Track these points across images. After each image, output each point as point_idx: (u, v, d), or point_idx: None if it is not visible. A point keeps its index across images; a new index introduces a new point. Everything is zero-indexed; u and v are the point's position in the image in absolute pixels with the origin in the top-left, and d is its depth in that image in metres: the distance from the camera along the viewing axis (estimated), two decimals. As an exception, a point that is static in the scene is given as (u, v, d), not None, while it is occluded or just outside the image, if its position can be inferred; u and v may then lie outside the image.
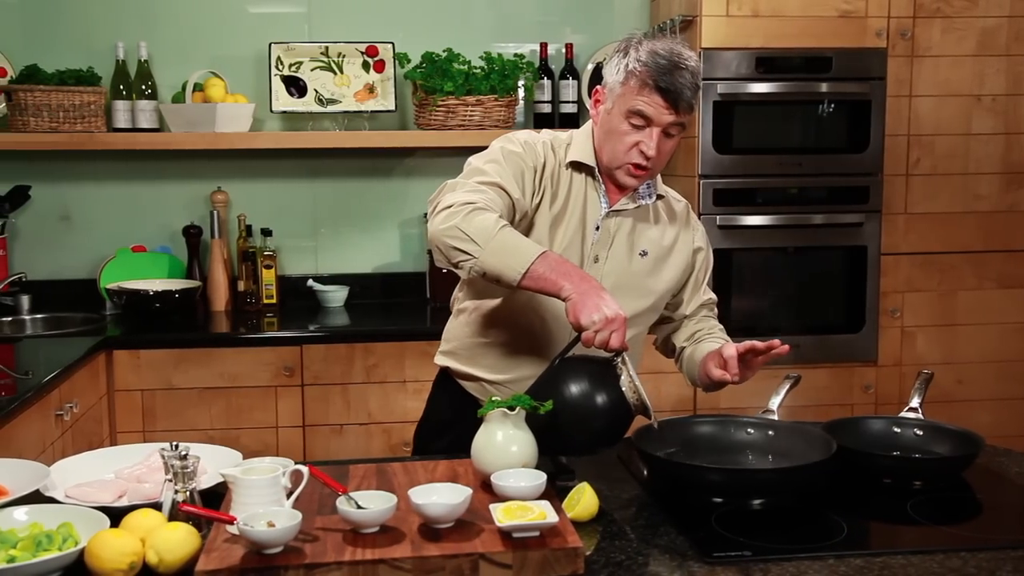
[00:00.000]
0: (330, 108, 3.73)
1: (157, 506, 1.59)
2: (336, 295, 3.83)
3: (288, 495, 1.57)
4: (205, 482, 1.74)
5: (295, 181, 3.90)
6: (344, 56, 3.74)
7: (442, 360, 2.26)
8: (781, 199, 3.54)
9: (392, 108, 3.75)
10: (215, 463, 1.82)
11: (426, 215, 2.21)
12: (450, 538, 1.49)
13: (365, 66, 3.75)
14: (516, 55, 3.74)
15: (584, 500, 1.65)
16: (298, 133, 3.75)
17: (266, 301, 3.75)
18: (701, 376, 2.12)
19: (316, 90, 3.73)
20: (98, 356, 3.20)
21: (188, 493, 1.57)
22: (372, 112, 3.75)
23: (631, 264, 2.10)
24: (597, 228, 2.07)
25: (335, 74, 3.73)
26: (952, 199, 3.61)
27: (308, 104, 3.72)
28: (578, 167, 2.07)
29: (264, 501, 1.52)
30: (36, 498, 1.67)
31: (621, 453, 1.99)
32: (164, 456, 1.58)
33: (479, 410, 1.76)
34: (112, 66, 3.66)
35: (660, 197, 2.15)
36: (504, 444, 1.72)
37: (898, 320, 3.62)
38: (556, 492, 1.70)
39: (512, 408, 1.72)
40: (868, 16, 3.47)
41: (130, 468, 1.83)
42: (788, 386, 2.08)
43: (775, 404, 2.03)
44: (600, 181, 2.07)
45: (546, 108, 3.85)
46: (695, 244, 2.21)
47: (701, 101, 3.37)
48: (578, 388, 1.78)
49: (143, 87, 3.66)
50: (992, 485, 1.88)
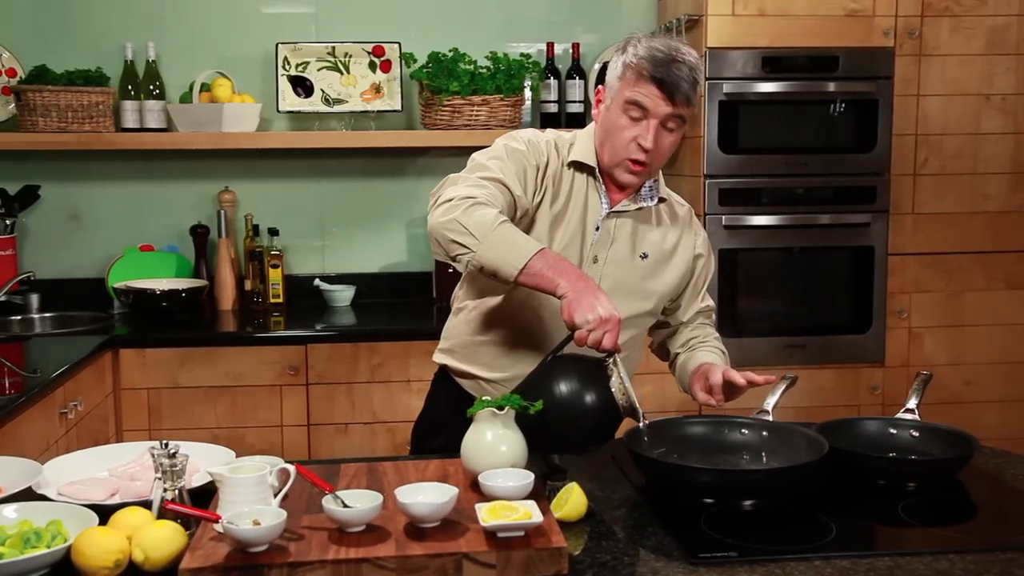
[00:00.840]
0: (336, 108, 3.73)
1: (148, 504, 1.60)
2: (343, 295, 3.84)
3: (276, 494, 1.57)
4: (197, 480, 1.75)
5: (302, 181, 3.92)
6: (350, 56, 3.75)
7: (440, 358, 2.26)
8: (787, 199, 3.52)
9: (398, 108, 3.75)
10: (210, 462, 1.82)
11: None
12: (435, 537, 1.49)
13: (371, 66, 3.76)
14: (522, 55, 3.74)
15: (572, 500, 1.65)
16: (305, 133, 3.77)
17: (273, 300, 3.76)
18: (689, 388, 2.13)
19: (323, 90, 3.74)
20: (104, 355, 3.22)
21: (177, 491, 1.58)
22: (378, 112, 3.75)
23: (631, 266, 2.09)
24: (597, 228, 2.07)
25: (341, 74, 3.74)
26: (960, 199, 3.58)
27: (314, 104, 3.73)
28: (579, 167, 2.07)
29: (251, 499, 1.52)
30: (28, 495, 1.68)
31: (615, 453, 1.98)
32: (154, 454, 1.59)
33: (468, 409, 1.76)
34: (120, 66, 3.68)
35: (662, 200, 2.15)
36: (493, 444, 1.72)
37: (905, 321, 3.59)
38: (545, 492, 1.70)
39: (501, 408, 1.72)
40: (875, 15, 3.45)
41: (124, 466, 1.83)
42: (784, 386, 2.06)
43: (770, 405, 2.02)
44: (601, 181, 2.07)
45: (552, 108, 3.85)
46: (696, 250, 2.20)
47: (706, 99, 3.40)
48: (568, 387, 1.78)
49: (151, 87, 3.68)
50: (987, 487, 1.86)
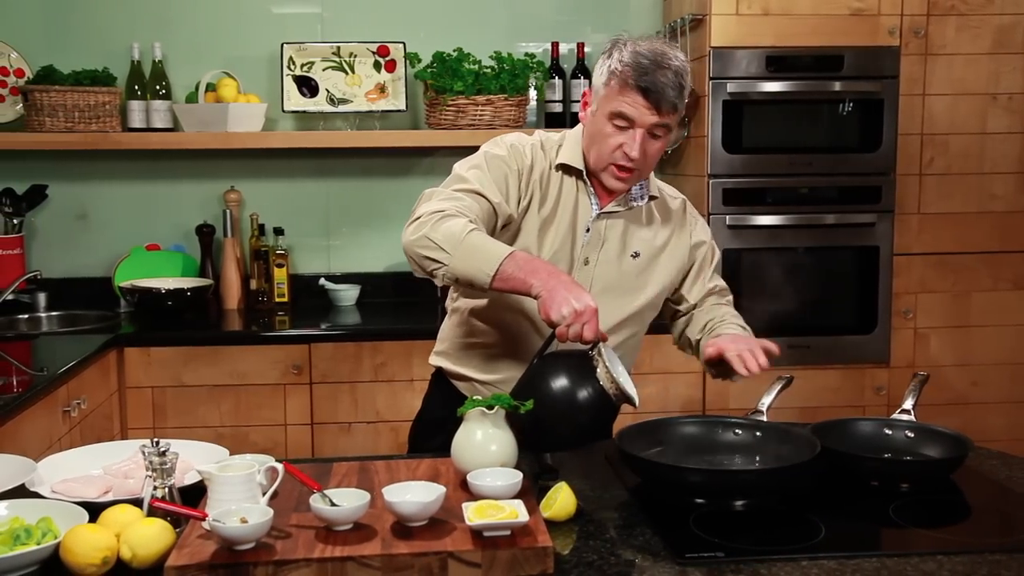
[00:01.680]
0: (341, 108, 3.74)
1: (140, 502, 1.61)
2: (347, 294, 3.85)
3: (264, 492, 1.58)
4: (190, 479, 1.76)
5: (307, 180, 3.93)
6: (355, 56, 3.76)
7: (435, 360, 2.27)
8: (792, 199, 3.50)
9: (403, 108, 3.76)
10: (206, 461, 1.83)
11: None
12: (421, 536, 1.49)
13: (376, 66, 3.77)
14: (527, 55, 3.74)
15: (561, 500, 1.65)
16: (310, 133, 3.78)
17: (278, 300, 3.77)
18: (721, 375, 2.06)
19: (327, 90, 3.75)
20: (109, 353, 3.24)
21: (167, 489, 1.59)
22: (383, 112, 3.76)
23: (621, 266, 2.09)
24: (588, 230, 2.06)
25: (346, 74, 3.75)
26: (967, 199, 3.56)
27: (319, 104, 3.74)
28: (568, 170, 2.06)
29: (239, 498, 1.53)
30: (21, 493, 1.69)
31: (608, 453, 1.98)
32: (144, 452, 1.60)
33: (459, 409, 1.76)
34: (127, 66, 3.70)
35: (653, 198, 2.14)
36: (483, 443, 1.72)
37: (911, 321, 3.57)
38: (535, 491, 1.70)
39: (491, 407, 1.73)
40: (880, 14, 3.43)
41: (118, 464, 1.85)
42: (780, 387, 2.06)
43: (765, 405, 2.02)
44: (589, 184, 2.06)
45: (557, 108, 3.84)
46: (694, 239, 2.19)
47: (710, 98, 3.40)
48: (558, 384, 1.77)
49: (157, 87, 3.70)
50: (980, 488, 1.85)
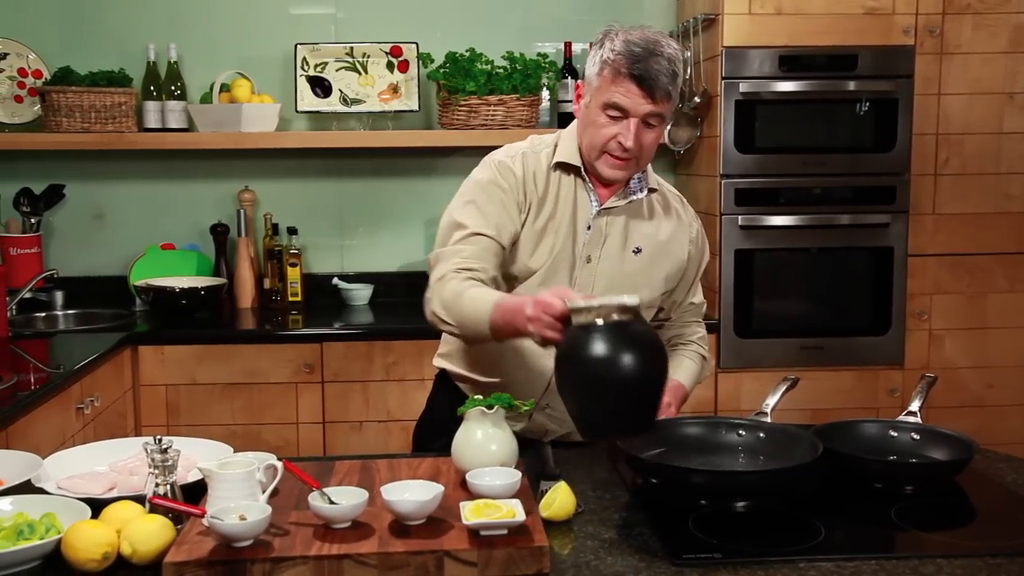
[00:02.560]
0: (354, 108, 3.76)
1: (143, 499, 1.62)
2: (361, 293, 3.86)
3: (264, 490, 1.59)
4: (194, 476, 1.77)
5: (320, 180, 3.95)
6: (368, 56, 3.77)
7: (439, 362, 2.28)
8: (805, 199, 3.48)
9: (416, 108, 3.76)
10: (211, 459, 1.84)
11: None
12: (418, 535, 1.50)
13: (389, 66, 3.78)
14: (540, 55, 3.74)
15: (560, 499, 1.65)
16: (323, 133, 3.80)
17: (291, 299, 3.79)
18: None
19: (341, 90, 3.76)
20: (124, 351, 3.27)
21: (169, 486, 1.60)
22: (396, 112, 3.77)
23: (624, 262, 2.08)
24: (589, 228, 2.06)
25: (359, 74, 3.76)
26: (982, 199, 3.53)
27: (333, 104, 3.76)
28: (565, 168, 2.06)
29: (238, 495, 1.54)
30: (26, 488, 1.71)
31: (610, 454, 1.98)
32: (147, 449, 1.62)
33: (458, 408, 1.76)
34: (143, 67, 3.73)
35: (653, 190, 2.13)
36: (483, 442, 1.73)
37: (925, 322, 3.55)
38: (535, 492, 1.70)
39: (491, 407, 1.73)
40: (895, 13, 3.40)
41: (124, 461, 1.87)
42: (784, 388, 2.05)
43: (769, 406, 2.01)
44: (587, 180, 2.06)
45: (570, 107, 3.84)
46: (691, 237, 2.18)
47: (722, 98, 3.38)
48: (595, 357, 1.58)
49: (172, 88, 3.72)
50: (985, 491, 1.84)
